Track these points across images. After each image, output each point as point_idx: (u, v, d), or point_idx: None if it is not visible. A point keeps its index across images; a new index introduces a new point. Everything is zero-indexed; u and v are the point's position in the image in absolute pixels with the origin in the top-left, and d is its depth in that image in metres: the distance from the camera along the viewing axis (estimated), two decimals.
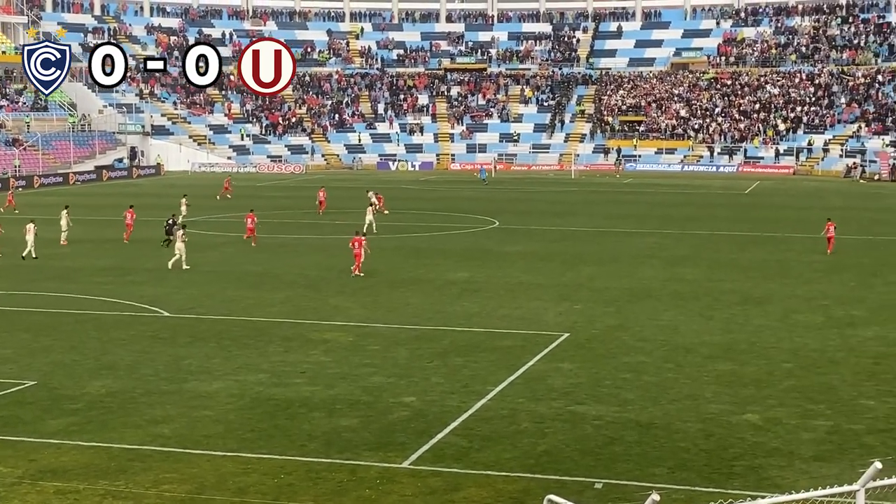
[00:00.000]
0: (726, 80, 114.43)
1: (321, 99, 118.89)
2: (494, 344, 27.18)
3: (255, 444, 19.06)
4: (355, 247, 38.23)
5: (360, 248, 38.19)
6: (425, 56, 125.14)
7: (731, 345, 27.06)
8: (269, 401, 21.84)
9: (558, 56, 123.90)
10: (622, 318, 30.46)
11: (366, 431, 19.85)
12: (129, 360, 25.30)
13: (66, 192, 76.25)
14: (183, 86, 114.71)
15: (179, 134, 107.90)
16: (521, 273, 39.01)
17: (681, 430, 19.94)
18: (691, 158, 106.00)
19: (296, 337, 28.01)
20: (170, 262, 40.04)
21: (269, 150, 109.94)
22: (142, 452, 18.60)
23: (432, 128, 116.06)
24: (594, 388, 22.75)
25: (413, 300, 33.49)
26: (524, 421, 20.47)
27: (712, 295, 34.34)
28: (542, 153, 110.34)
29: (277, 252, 44.81)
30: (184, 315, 31.13)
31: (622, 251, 44.93)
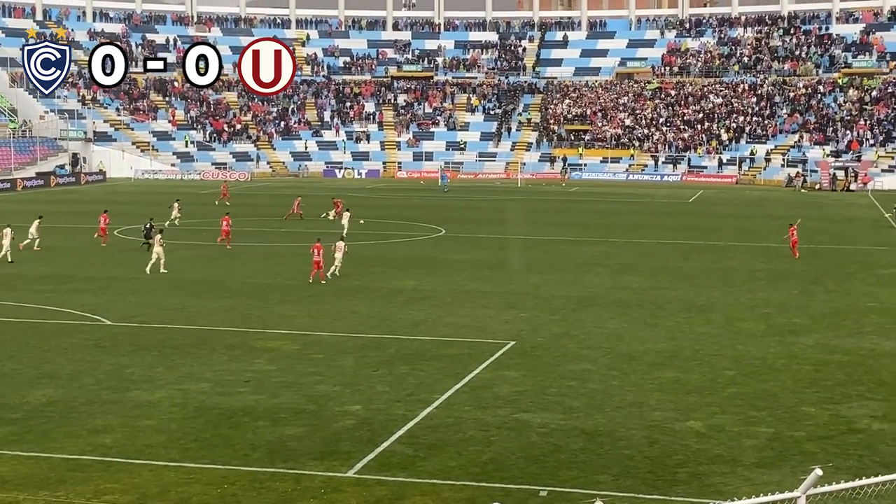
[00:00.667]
0: (670, 90, 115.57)
1: (267, 106, 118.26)
2: (441, 352, 27.16)
3: (198, 454, 18.86)
4: (315, 254, 38.22)
5: (320, 255, 38.17)
6: (372, 64, 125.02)
7: (675, 352, 27.26)
8: (213, 410, 21.64)
9: (505, 65, 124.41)
10: (568, 326, 30.58)
11: (310, 440, 19.73)
12: (70, 369, 24.95)
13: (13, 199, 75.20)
14: (126, 92, 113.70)
15: (122, 140, 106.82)
16: (468, 281, 39.04)
17: (625, 437, 20.04)
18: (636, 167, 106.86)
19: (240, 345, 27.79)
20: (148, 266, 40.10)
21: (213, 157, 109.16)
22: (82, 462, 18.34)
23: (379, 136, 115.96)
24: (540, 396, 22.81)
25: (359, 308, 33.38)
26: (470, 429, 20.46)
27: (657, 303, 34.59)
28: (488, 161, 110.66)
29: (222, 260, 44.47)
30: (126, 323, 30.77)
31: (568, 259, 45.13)
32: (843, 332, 29.98)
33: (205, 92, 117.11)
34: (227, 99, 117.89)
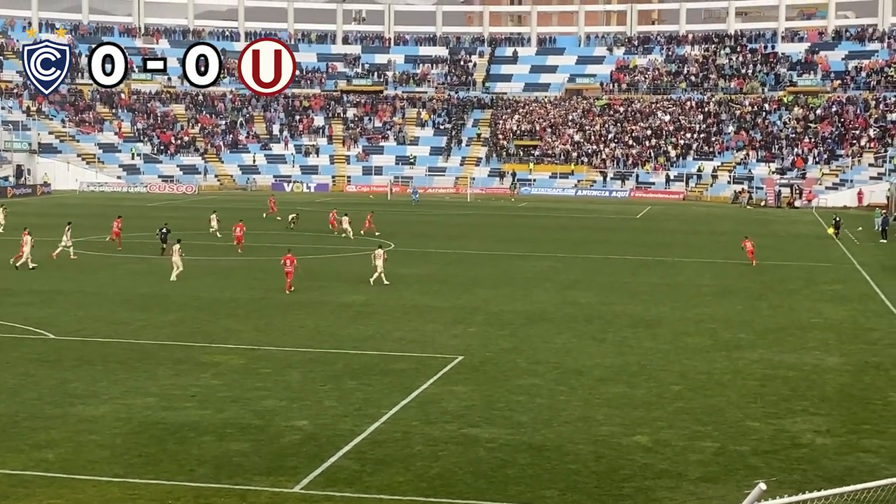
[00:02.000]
0: (619, 106, 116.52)
1: (215, 119, 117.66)
2: (388, 367, 27.10)
3: (142, 470, 18.65)
4: (286, 265, 39.05)
5: (292, 265, 39.13)
6: (321, 77, 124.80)
7: (623, 367, 27.41)
8: (158, 425, 21.41)
9: (454, 80, 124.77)
10: (516, 341, 30.65)
11: (257, 456, 19.58)
12: (12, 384, 24.57)
13: None
14: (72, 103, 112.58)
15: (67, 152, 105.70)
16: (417, 295, 39.02)
17: (572, 452, 20.10)
18: (585, 183, 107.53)
19: (186, 360, 27.55)
20: (172, 275, 41.38)
21: (160, 169, 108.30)
22: (24, 478, 18.06)
23: (328, 149, 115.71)
24: (488, 411, 22.81)
25: (307, 323, 33.23)
26: (417, 444, 20.42)
27: (605, 318, 34.78)
28: (438, 176, 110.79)
29: (168, 274, 44.03)
30: (70, 337, 30.38)
31: (517, 274, 45.26)
32: (787, 348, 30.33)
33: (152, 104, 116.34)
34: (174, 111, 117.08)
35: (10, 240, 48.32)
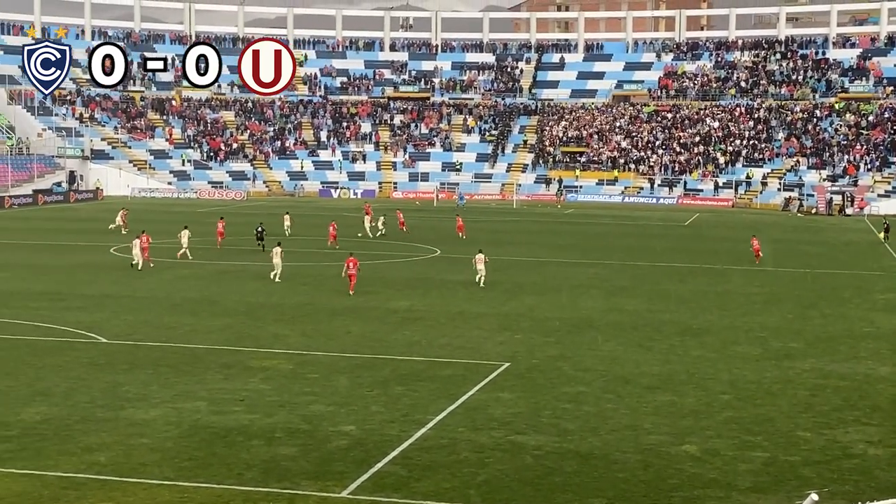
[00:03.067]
0: (667, 112, 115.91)
1: (263, 125, 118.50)
2: (435, 373, 27.12)
3: (192, 473, 18.80)
4: (349, 267, 39.90)
5: (355, 268, 40.01)
6: (369, 84, 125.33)
7: (670, 376, 27.24)
8: (207, 429, 21.58)
9: (501, 86, 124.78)
10: (563, 349, 30.56)
11: (304, 460, 19.68)
12: (65, 387, 24.88)
13: (3, 217, 75.13)
14: (124, 110, 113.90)
15: (119, 158, 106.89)
16: (463, 302, 39.02)
17: (620, 460, 20.00)
18: (632, 190, 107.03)
19: (235, 364, 27.74)
20: (272, 274, 42.79)
21: (210, 175, 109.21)
22: (76, 480, 18.27)
23: (375, 156, 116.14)
24: (534, 418, 22.77)
25: (354, 328, 33.35)
26: (464, 450, 20.42)
27: (652, 326, 34.58)
28: (484, 182, 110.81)
29: (216, 279, 44.44)
30: (121, 341, 30.71)
31: (563, 281, 45.13)
32: (838, 357, 29.98)
33: (202, 111, 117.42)
34: (224, 118, 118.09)
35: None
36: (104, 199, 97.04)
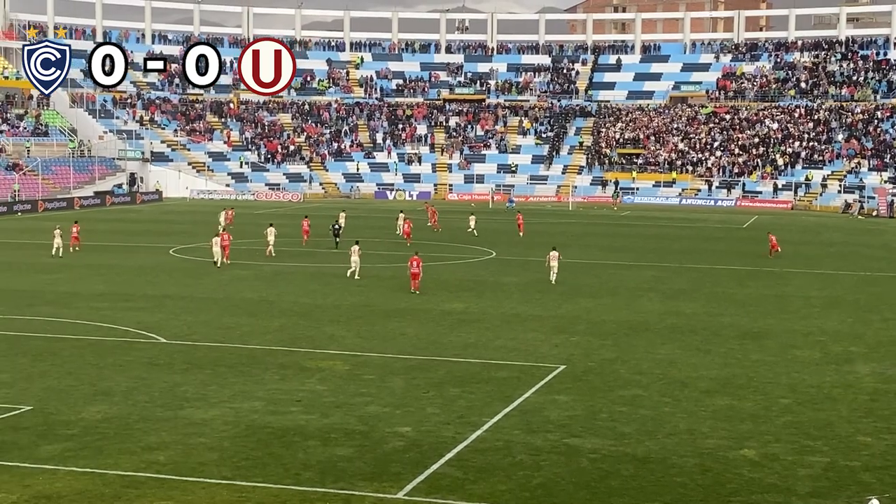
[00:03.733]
0: (725, 114, 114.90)
1: (320, 128, 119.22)
2: (490, 375, 27.13)
3: (250, 473, 18.98)
4: (413, 266, 40.96)
5: (419, 267, 40.85)
6: (424, 86, 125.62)
7: (729, 379, 27.02)
8: (265, 429, 21.77)
9: (557, 88, 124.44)
10: (619, 351, 30.42)
11: (361, 461, 19.78)
12: (125, 387, 25.23)
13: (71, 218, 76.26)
14: (183, 113, 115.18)
15: (178, 161, 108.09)
16: (518, 304, 38.98)
17: (677, 464, 19.87)
18: (689, 192, 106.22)
19: (291, 365, 27.95)
20: (348, 272, 44.24)
21: (267, 177, 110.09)
22: (136, 479, 18.52)
23: (430, 157, 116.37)
24: (590, 421, 22.69)
25: (409, 330, 33.45)
26: (519, 453, 20.40)
27: (710, 329, 34.31)
28: (539, 184, 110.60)
29: (273, 280, 44.79)
30: (180, 342, 31.07)
31: (620, 284, 44.91)
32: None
33: (259, 113, 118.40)
34: (281, 120, 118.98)
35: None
36: (164, 201, 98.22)
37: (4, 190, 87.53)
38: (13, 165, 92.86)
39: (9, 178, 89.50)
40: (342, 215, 63.20)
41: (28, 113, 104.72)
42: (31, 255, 52.59)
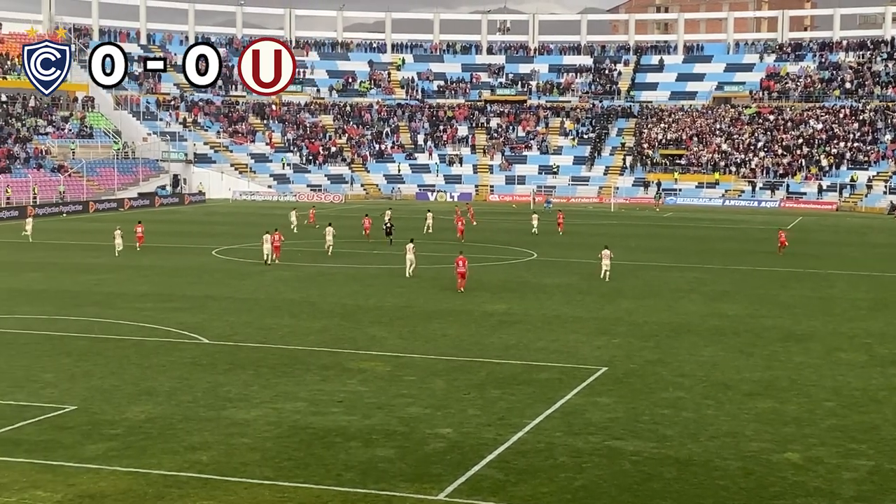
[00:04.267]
0: (769, 114, 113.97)
1: (361, 129, 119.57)
2: (531, 377, 27.07)
3: (291, 473, 19.05)
4: (459, 265, 41.31)
5: (465, 266, 41.23)
6: (466, 87, 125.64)
7: (772, 382, 26.79)
8: (306, 429, 21.85)
9: (599, 89, 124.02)
10: (661, 353, 30.25)
11: (402, 462, 19.80)
12: (169, 387, 25.42)
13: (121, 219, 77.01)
14: (226, 115, 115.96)
15: (221, 162, 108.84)
16: (560, 306, 38.87)
17: (720, 467, 19.73)
18: (732, 193, 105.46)
19: (333, 366, 28.04)
20: (406, 271, 45.20)
21: (308, 179, 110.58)
22: (179, 479, 18.64)
23: (471, 159, 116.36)
24: (632, 424, 22.58)
25: (450, 331, 33.45)
26: (561, 455, 20.34)
27: (753, 331, 34.04)
28: (581, 185, 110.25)
29: (315, 281, 44.96)
30: (223, 342, 31.26)
31: (662, 285, 44.67)
32: None
33: (301, 115, 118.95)
34: (323, 122, 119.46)
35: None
36: (207, 202, 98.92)
37: (50, 191, 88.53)
38: (58, 167, 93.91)
39: (54, 180, 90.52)
40: (388, 213, 63.81)
41: (73, 115, 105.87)
42: (77, 256, 53.16)
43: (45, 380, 26.04)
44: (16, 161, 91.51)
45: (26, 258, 52.33)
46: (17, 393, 24.64)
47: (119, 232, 53.56)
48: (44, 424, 22.01)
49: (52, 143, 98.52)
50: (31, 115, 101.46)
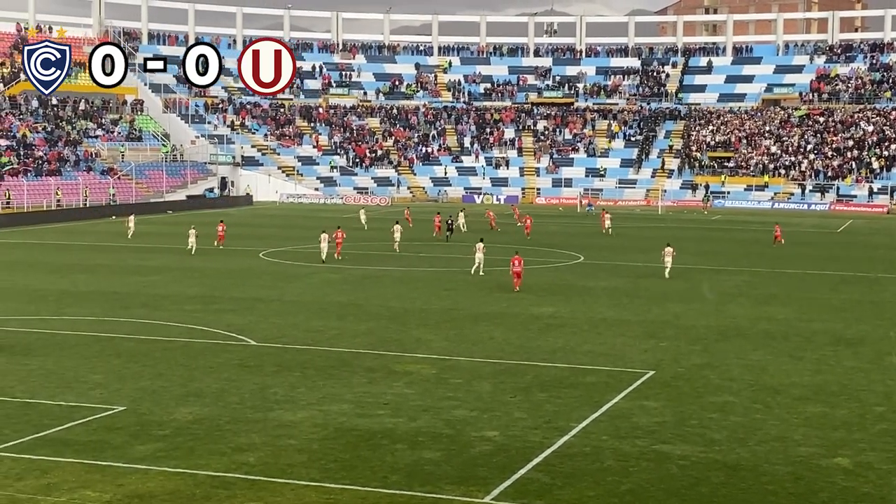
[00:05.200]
0: (819, 116, 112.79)
1: (408, 132, 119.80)
2: (578, 380, 26.96)
3: (338, 475, 19.09)
4: (515, 265, 42.11)
5: (520, 266, 42.37)
6: (512, 90, 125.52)
7: (822, 386, 26.48)
8: (353, 431, 21.89)
9: (646, 91, 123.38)
10: (709, 357, 30.01)
11: (448, 465, 19.78)
12: (216, 388, 25.58)
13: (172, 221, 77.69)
14: (273, 117, 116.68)
15: (268, 165, 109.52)
16: (606, 309, 38.69)
17: (769, 472, 19.53)
18: (782, 196, 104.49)
19: (379, 368, 28.08)
20: (473, 269, 46.80)
21: (355, 181, 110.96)
22: (227, 480, 18.74)
23: (518, 161, 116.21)
24: (680, 428, 22.41)
25: (496, 334, 33.39)
26: (608, 459, 20.23)
27: (803, 335, 33.68)
28: (628, 188, 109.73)
29: (361, 283, 45.09)
30: (270, 344, 31.42)
31: (710, 288, 44.29)
32: None
33: (348, 118, 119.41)
34: (369, 125, 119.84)
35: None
36: (254, 205, 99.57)
37: (100, 194, 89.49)
38: (108, 170, 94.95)
39: (104, 183, 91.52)
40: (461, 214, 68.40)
41: (122, 118, 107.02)
42: (126, 258, 53.69)
43: (94, 381, 26.30)
44: (66, 164, 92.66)
45: (74, 259, 52.96)
46: (66, 394, 24.91)
47: (194, 231, 55.30)
48: (93, 425, 22.23)
49: (102, 146, 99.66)
50: (81, 118, 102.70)
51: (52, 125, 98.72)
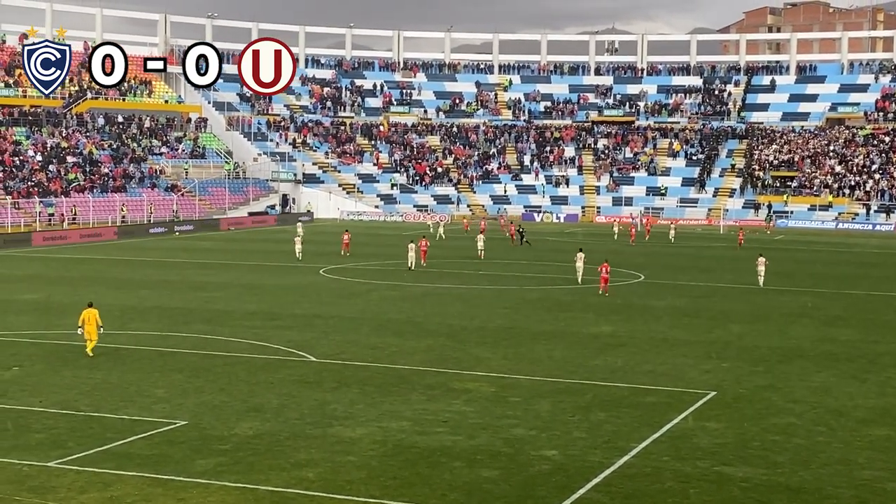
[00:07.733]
0: (884, 135, 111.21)
1: (468, 150, 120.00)
2: (638, 400, 26.76)
3: (396, 492, 19.11)
4: (602, 272, 46.19)
5: (607, 272, 45.88)
6: (573, 108, 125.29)
7: (887, 409, 26.04)
8: (411, 448, 21.91)
9: (708, 109, 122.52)
10: (772, 378, 29.64)
11: (506, 484, 19.71)
12: (277, 403, 25.74)
13: (238, 238, 78.40)
14: (334, 135, 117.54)
15: (329, 182, 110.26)
16: (667, 328, 38.39)
17: (832, 495, 19.23)
18: (846, 216, 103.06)
19: (438, 386, 28.09)
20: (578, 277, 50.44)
21: (415, 199, 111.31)
22: (286, 495, 18.84)
23: (578, 180, 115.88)
24: (742, 449, 22.15)
25: (555, 353, 33.26)
26: (668, 480, 20.04)
27: (867, 357, 33.15)
28: (689, 207, 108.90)
29: (420, 301, 45.17)
30: (330, 360, 31.57)
31: (772, 309, 43.81)
32: None
33: (408, 136, 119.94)
34: (430, 142, 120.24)
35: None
36: (315, 222, 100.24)
37: (164, 210, 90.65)
38: (172, 186, 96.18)
39: (168, 199, 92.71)
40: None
41: (186, 136, 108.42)
42: (189, 274, 54.30)
43: (157, 395, 26.60)
44: (131, 181, 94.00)
45: (138, 276, 53.65)
46: (129, 407, 25.22)
47: (298, 239, 62.03)
48: (155, 439, 22.47)
49: (166, 163, 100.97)
50: (146, 135, 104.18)
51: (118, 142, 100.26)
